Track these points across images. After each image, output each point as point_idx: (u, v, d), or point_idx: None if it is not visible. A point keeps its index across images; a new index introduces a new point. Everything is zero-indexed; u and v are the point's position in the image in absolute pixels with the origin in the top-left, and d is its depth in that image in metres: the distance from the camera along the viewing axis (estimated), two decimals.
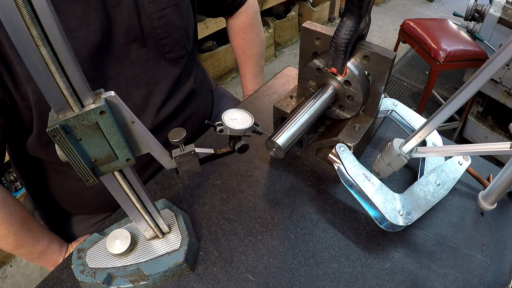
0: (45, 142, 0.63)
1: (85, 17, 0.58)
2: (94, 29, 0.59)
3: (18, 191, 1.59)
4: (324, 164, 0.67)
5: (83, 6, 0.57)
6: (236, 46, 1.01)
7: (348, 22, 0.51)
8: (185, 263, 0.50)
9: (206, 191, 0.64)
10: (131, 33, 0.64)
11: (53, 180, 0.73)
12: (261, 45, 1.03)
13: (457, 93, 0.45)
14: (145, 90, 0.68)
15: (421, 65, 2.78)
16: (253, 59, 1.02)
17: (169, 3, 0.67)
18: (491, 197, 0.57)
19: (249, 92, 1.03)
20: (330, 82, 0.60)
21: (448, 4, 3.79)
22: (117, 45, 0.63)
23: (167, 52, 0.70)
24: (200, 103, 0.83)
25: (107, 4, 0.60)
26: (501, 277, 0.54)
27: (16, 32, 0.26)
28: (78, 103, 0.32)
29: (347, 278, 0.53)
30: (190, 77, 0.78)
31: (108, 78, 0.63)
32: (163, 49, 0.69)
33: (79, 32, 0.57)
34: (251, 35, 0.99)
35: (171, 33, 0.68)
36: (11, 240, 0.63)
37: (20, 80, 0.55)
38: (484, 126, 1.92)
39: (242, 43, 0.99)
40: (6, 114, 0.59)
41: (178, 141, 0.43)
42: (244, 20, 0.97)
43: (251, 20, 0.97)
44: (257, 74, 1.04)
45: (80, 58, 0.58)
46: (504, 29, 1.73)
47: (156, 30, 0.66)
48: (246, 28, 0.98)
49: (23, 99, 0.57)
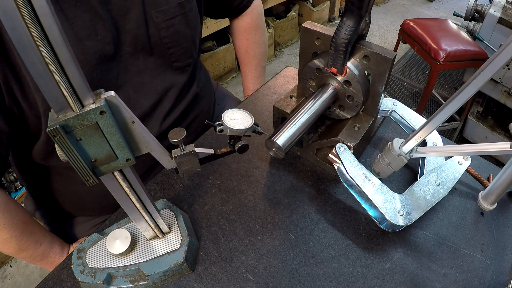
0: (52, 147, 0.63)
1: (93, 26, 0.57)
2: (102, 38, 0.58)
3: (18, 191, 1.59)
4: (324, 164, 0.67)
5: (91, 15, 0.57)
6: (239, 47, 1.01)
7: (348, 22, 0.51)
8: (185, 263, 0.50)
9: (206, 191, 0.64)
10: (138, 42, 0.64)
11: (56, 183, 0.73)
12: (264, 46, 1.03)
13: (457, 93, 0.45)
14: (154, 99, 0.69)
15: (421, 65, 2.78)
16: (255, 59, 1.02)
17: (177, 13, 0.67)
18: (491, 197, 0.57)
19: (250, 92, 1.03)
20: (330, 82, 0.60)
21: (448, 4, 3.79)
22: (125, 54, 0.63)
23: (174, 61, 0.70)
24: (203, 106, 0.83)
25: (115, 14, 0.60)
26: (501, 277, 0.54)
27: (16, 32, 0.25)
28: (78, 103, 0.32)
29: (347, 278, 0.53)
30: (194, 82, 0.78)
31: (117, 86, 0.63)
32: (170, 58, 0.69)
33: (87, 41, 0.57)
34: (255, 36, 0.99)
35: (178, 42, 0.68)
36: (13, 245, 0.63)
37: (28, 88, 0.55)
38: (484, 126, 1.92)
39: (246, 43, 1.00)
40: (12, 121, 0.58)
41: (178, 141, 0.43)
42: (249, 21, 0.97)
43: (256, 21, 0.98)
44: (259, 75, 1.05)
45: (89, 67, 0.58)
46: (504, 29, 1.73)
47: (163, 40, 0.66)
48: (251, 29, 0.98)
49: (31, 108, 0.57)
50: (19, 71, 0.53)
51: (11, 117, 0.58)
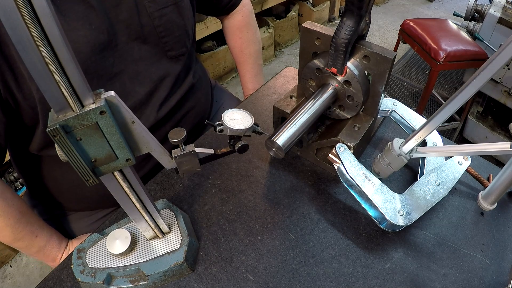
0: None
1: (86, 17, 0.59)
2: (96, 28, 0.60)
3: (18, 191, 1.59)
4: (324, 164, 0.67)
5: (84, 6, 0.59)
6: (234, 46, 1.02)
7: (348, 22, 0.51)
8: (185, 263, 0.50)
9: (206, 191, 0.64)
10: (132, 31, 0.65)
11: (54, 172, 0.74)
12: (258, 43, 1.04)
13: (457, 93, 0.45)
14: (149, 87, 0.70)
15: (421, 65, 2.78)
16: (251, 57, 1.03)
17: (169, 2, 0.68)
18: (491, 197, 0.57)
19: (249, 91, 1.04)
20: (330, 82, 0.60)
21: (448, 4, 3.79)
22: (119, 44, 0.64)
23: (168, 50, 0.71)
24: (199, 98, 0.84)
25: (108, 5, 0.61)
26: (501, 277, 0.54)
27: (16, 32, 0.25)
28: (78, 103, 0.32)
29: (347, 278, 0.53)
30: (190, 73, 0.80)
31: (113, 75, 0.65)
32: (164, 47, 0.70)
33: (80, 31, 0.59)
34: (247, 33, 1.01)
35: (171, 31, 0.70)
36: (8, 233, 0.64)
37: (23, 79, 0.56)
38: (484, 126, 1.92)
39: (239, 42, 1.01)
40: (8, 112, 0.59)
41: (178, 141, 0.43)
42: (240, 19, 0.98)
43: (247, 19, 1.00)
44: (257, 73, 1.05)
45: (83, 56, 0.59)
46: (504, 29, 1.73)
47: (157, 29, 0.68)
48: (243, 27, 1.00)
49: (25, 99, 0.58)
50: (13, 63, 0.54)
51: (7, 108, 0.59)
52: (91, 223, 0.80)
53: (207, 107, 0.90)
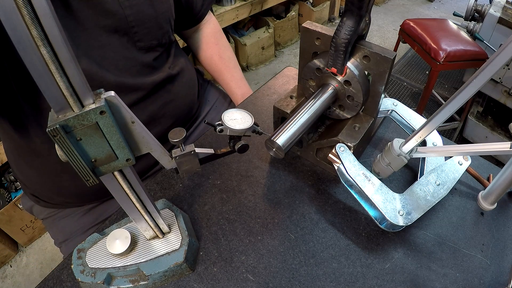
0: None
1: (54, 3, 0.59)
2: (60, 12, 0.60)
3: (18, 191, 1.59)
4: (324, 164, 0.67)
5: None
6: (211, 55, 1.01)
7: (348, 22, 0.51)
8: (185, 263, 0.50)
9: (206, 191, 0.64)
10: (101, 18, 0.65)
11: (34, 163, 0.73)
12: (232, 51, 1.06)
13: (457, 93, 0.45)
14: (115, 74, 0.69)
15: (421, 65, 2.78)
16: (231, 61, 1.03)
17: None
18: (491, 197, 0.57)
19: (239, 98, 1.00)
20: (330, 82, 0.60)
21: (448, 4, 3.79)
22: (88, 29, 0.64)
23: (137, 40, 0.71)
24: (179, 91, 0.83)
25: None
26: (501, 277, 0.54)
27: (16, 32, 0.26)
28: (78, 103, 0.32)
29: (347, 278, 0.53)
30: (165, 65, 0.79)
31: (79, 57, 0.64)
32: (134, 37, 0.70)
33: None
34: (222, 39, 1.03)
35: (142, 21, 0.70)
36: None
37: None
38: (484, 126, 1.92)
39: (217, 48, 1.01)
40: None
41: (178, 141, 0.43)
42: (213, 26, 1.01)
43: (218, 26, 1.02)
44: (241, 77, 1.04)
45: None
46: (504, 29, 1.74)
47: (128, 18, 0.67)
48: (217, 33, 1.01)
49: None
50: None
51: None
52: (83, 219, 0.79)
53: (190, 102, 0.88)
